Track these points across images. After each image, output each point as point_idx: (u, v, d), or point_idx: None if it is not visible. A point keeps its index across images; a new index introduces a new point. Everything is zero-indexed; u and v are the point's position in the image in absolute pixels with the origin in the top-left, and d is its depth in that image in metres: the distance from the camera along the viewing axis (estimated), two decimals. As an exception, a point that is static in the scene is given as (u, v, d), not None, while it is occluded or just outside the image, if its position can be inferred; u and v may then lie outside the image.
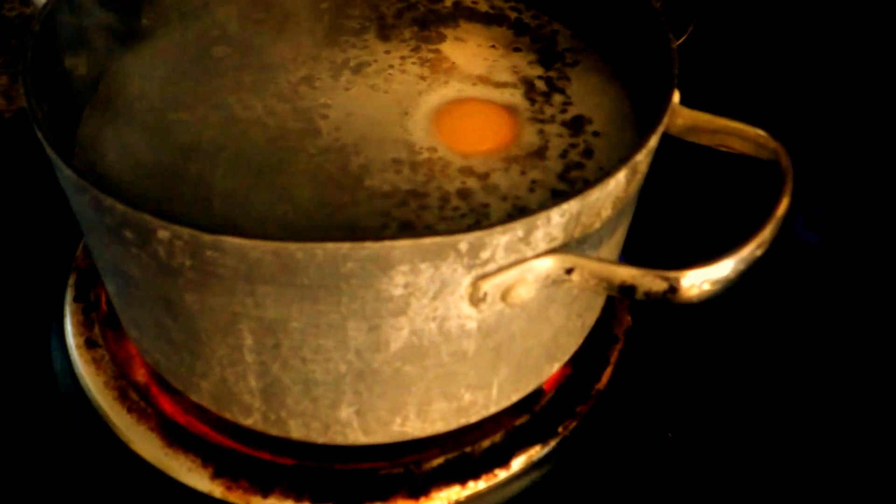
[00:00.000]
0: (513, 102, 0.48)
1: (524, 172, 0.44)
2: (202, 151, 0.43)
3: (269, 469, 0.44)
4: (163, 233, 0.33)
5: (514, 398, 0.44)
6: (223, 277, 0.34)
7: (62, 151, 0.35)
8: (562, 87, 0.49)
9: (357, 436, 0.41)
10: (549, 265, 0.35)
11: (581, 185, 0.35)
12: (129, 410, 0.46)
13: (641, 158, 0.37)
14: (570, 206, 0.34)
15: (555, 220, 0.34)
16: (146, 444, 0.45)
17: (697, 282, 0.33)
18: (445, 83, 0.49)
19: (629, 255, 0.45)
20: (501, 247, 0.33)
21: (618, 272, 0.34)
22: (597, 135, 0.46)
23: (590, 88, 0.49)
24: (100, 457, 0.46)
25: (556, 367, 0.45)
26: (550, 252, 0.35)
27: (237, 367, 0.39)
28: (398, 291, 0.34)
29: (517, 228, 0.33)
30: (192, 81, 0.47)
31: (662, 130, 0.39)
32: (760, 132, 0.39)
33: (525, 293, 0.35)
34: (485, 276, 0.34)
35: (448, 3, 0.55)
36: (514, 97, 0.48)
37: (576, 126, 0.46)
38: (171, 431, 0.46)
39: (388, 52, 0.51)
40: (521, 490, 0.46)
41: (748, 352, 0.52)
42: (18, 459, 0.46)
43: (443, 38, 0.52)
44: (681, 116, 0.40)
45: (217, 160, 0.43)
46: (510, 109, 0.47)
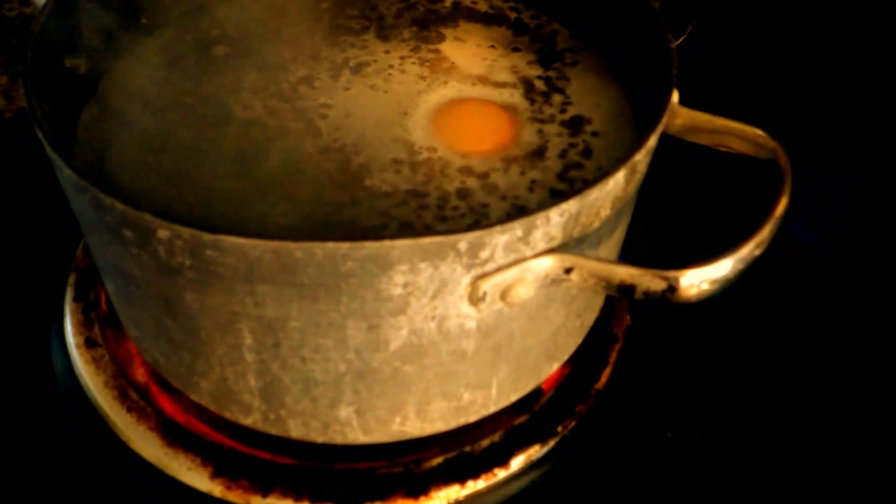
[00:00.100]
0: (512, 102, 0.48)
1: (523, 172, 0.44)
2: (202, 151, 0.43)
3: (269, 468, 0.44)
4: (163, 232, 0.33)
5: (514, 398, 0.44)
6: (223, 277, 0.34)
7: (62, 151, 0.35)
8: (561, 87, 0.49)
9: (356, 435, 0.41)
10: (549, 265, 0.35)
11: (580, 185, 0.35)
12: (129, 410, 0.47)
13: (640, 158, 0.37)
14: (570, 206, 0.34)
15: (554, 220, 0.34)
16: (146, 444, 0.45)
17: (696, 281, 0.33)
18: (445, 83, 0.49)
19: (628, 255, 0.45)
20: (500, 246, 0.34)
21: (617, 272, 0.34)
22: (596, 135, 0.46)
23: (589, 88, 0.49)
24: (100, 456, 0.46)
25: (556, 367, 0.45)
26: (549, 252, 0.35)
27: (237, 367, 0.39)
28: (397, 291, 0.34)
29: (516, 228, 0.33)
30: (192, 81, 0.47)
31: (661, 130, 0.39)
32: (759, 132, 0.39)
33: (524, 293, 0.35)
34: (484, 276, 0.34)
35: (447, 3, 0.55)
36: (514, 97, 0.48)
37: (575, 126, 0.46)
38: (171, 431, 0.46)
39: (388, 52, 0.51)
40: (521, 489, 0.46)
41: (747, 351, 0.52)
42: (18, 459, 0.46)
43: (442, 38, 0.52)
44: (680, 116, 0.40)
45: (217, 160, 0.43)
46: (509, 109, 0.47)
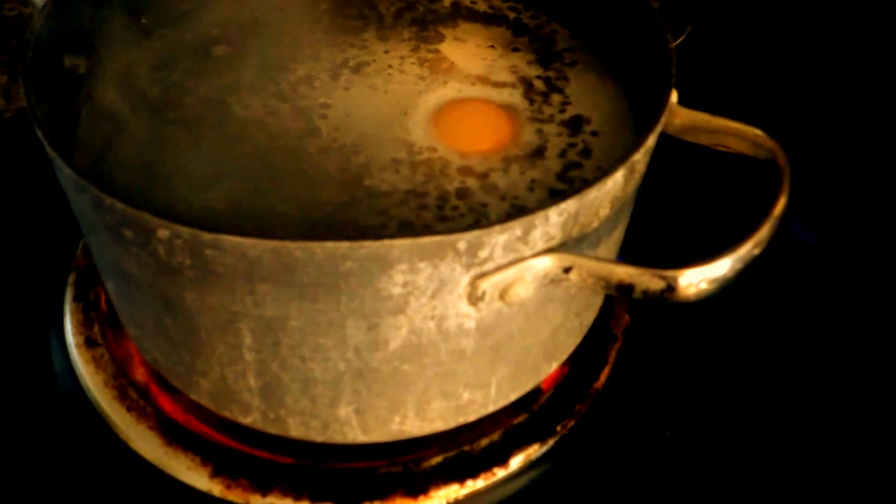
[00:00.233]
0: (511, 102, 0.48)
1: (523, 172, 0.44)
2: (201, 151, 0.43)
3: (269, 468, 0.44)
4: (163, 232, 0.33)
5: (513, 397, 0.44)
6: (223, 276, 0.34)
7: (62, 151, 0.35)
8: (560, 87, 0.49)
9: (356, 434, 0.41)
10: (548, 264, 0.35)
11: (579, 185, 0.35)
12: (129, 409, 0.47)
13: (639, 158, 0.37)
14: (569, 206, 0.34)
15: (553, 220, 0.34)
16: (146, 443, 0.45)
17: (695, 281, 0.33)
18: (444, 83, 0.49)
19: (627, 255, 0.45)
20: (500, 246, 0.34)
21: (615, 271, 0.34)
22: (595, 134, 0.46)
23: (588, 88, 0.49)
24: (99, 455, 0.46)
25: (555, 366, 0.45)
26: (549, 251, 0.35)
27: (236, 366, 0.39)
28: (397, 290, 0.34)
29: (515, 228, 0.33)
30: (192, 81, 0.47)
31: (660, 130, 0.39)
32: (758, 132, 0.39)
33: (523, 292, 0.35)
34: (483, 275, 0.34)
35: (447, 3, 0.55)
36: (513, 97, 0.48)
37: (574, 126, 0.46)
38: (171, 430, 0.46)
39: (388, 52, 0.51)
40: (520, 489, 0.46)
41: (746, 351, 0.53)
42: (18, 458, 0.46)
43: (442, 38, 0.52)
44: (678, 116, 0.40)
45: (216, 160, 0.43)
46: (509, 109, 0.47)
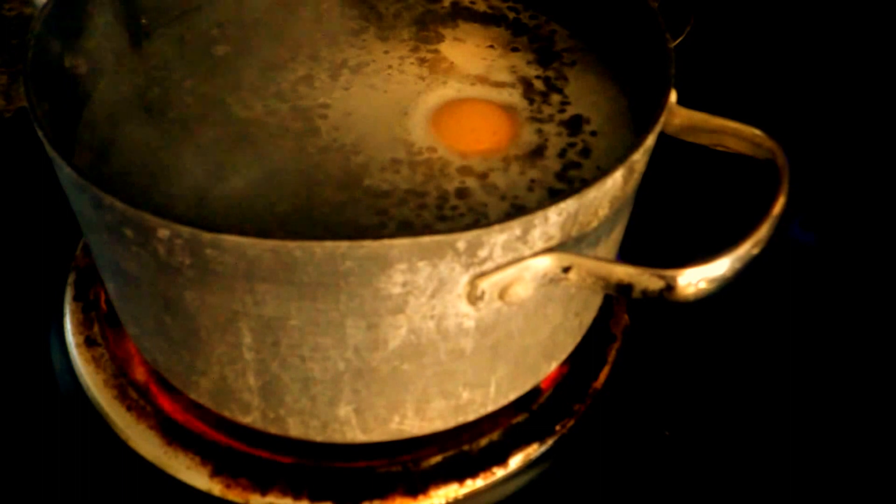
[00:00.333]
0: (511, 102, 0.48)
1: (523, 172, 0.44)
2: (201, 150, 0.43)
3: (268, 467, 0.44)
4: (163, 231, 0.33)
5: (512, 396, 0.44)
6: (222, 275, 0.34)
7: (62, 151, 0.35)
8: (560, 87, 0.49)
9: (355, 434, 0.41)
10: (547, 264, 0.35)
11: (579, 185, 0.35)
12: (129, 409, 0.47)
13: (638, 158, 0.37)
14: (568, 205, 0.34)
15: (552, 219, 0.34)
16: (145, 443, 0.45)
17: (694, 280, 0.33)
18: (444, 83, 0.49)
19: (626, 254, 0.45)
20: (499, 245, 0.34)
21: (615, 271, 0.34)
22: (594, 134, 0.46)
23: (588, 88, 0.49)
24: (99, 455, 0.46)
25: (554, 366, 0.45)
26: (548, 251, 0.35)
27: (236, 365, 0.39)
28: (396, 290, 0.34)
29: (515, 227, 0.33)
30: (192, 81, 0.47)
31: (659, 130, 0.39)
32: (757, 132, 0.39)
33: (522, 291, 0.35)
34: (482, 275, 0.34)
35: (446, 4, 0.55)
36: (513, 97, 0.48)
37: (574, 125, 0.46)
38: (170, 430, 0.46)
39: (387, 52, 0.51)
40: (519, 488, 0.46)
41: (745, 351, 0.53)
42: (18, 458, 0.46)
43: (441, 39, 0.52)
44: (678, 116, 0.40)
45: (216, 159, 0.43)
46: (508, 109, 0.47)
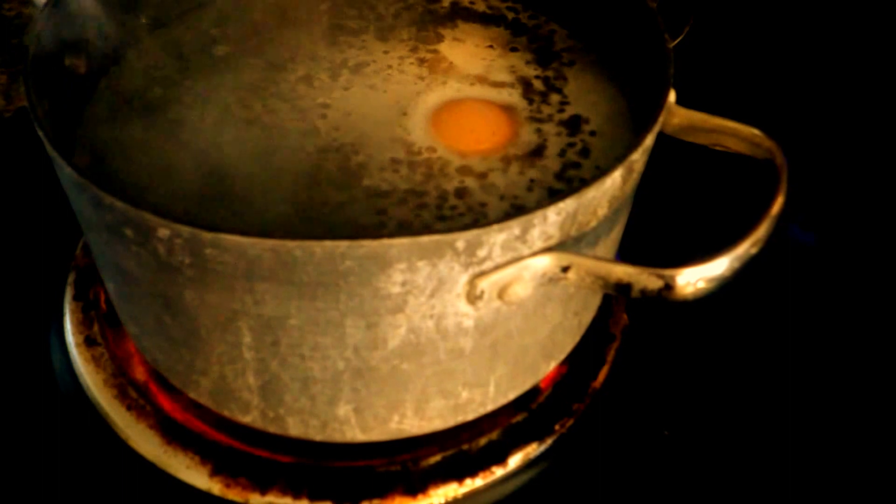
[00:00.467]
0: (510, 102, 0.48)
1: (522, 172, 0.44)
2: (201, 150, 0.43)
3: (268, 466, 0.44)
4: (163, 231, 0.33)
5: (511, 396, 0.44)
6: (222, 275, 0.34)
7: (62, 150, 0.35)
8: (559, 87, 0.49)
9: (355, 433, 0.41)
10: (546, 263, 0.35)
11: (578, 184, 0.35)
12: (129, 408, 0.47)
13: (637, 157, 0.37)
14: (567, 205, 0.34)
15: (551, 219, 0.34)
16: (145, 442, 0.46)
17: (693, 280, 0.34)
18: (444, 83, 0.49)
19: (625, 254, 0.45)
20: (498, 245, 0.34)
21: (614, 270, 0.34)
22: (593, 134, 0.46)
23: (587, 88, 0.49)
24: (99, 454, 0.46)
25: (553, 366, 0.45)
26: (547, 250, 0.35)
27: (236, 365, 0.39)
28: (396, 289, 0.34)
29: (514, 227, 0.33)
30: (192, 80, 0.48)
31: (658, 130, 0.39)
32: (756, 131, 0.39)
33: (522, 291, 0.35)
34: (482, 274, 0.35)
35: (446, 4, 0.55)
36: (512, 97, 0.48)
37: (573, 125, 0.47)
38: (170, 429, 0.46)
39: (387, 52, 0.51)
40: (518, 487, 0.46)
41: (744, 351, 0.53)
42: (18, 458, 0.46)
43: (441, 39, 0.52)
44: (676, 116, 0.40)
45: (216, 159, 0.43)
46: (508, 109, 0.48)
